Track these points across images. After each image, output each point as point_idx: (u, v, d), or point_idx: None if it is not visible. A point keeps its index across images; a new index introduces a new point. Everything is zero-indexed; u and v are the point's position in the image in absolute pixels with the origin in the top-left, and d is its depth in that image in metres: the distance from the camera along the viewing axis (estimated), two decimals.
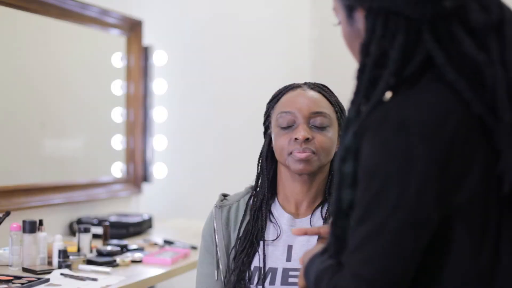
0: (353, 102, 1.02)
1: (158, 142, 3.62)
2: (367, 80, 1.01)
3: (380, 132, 0.96)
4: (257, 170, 1.71)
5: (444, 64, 0.98)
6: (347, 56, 1.19)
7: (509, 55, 0.98)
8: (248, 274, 1.61)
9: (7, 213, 2.31)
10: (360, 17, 1.04)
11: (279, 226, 1.65)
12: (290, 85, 1.70)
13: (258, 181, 1.70)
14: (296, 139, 1.59)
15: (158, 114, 3.61)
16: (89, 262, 2.39)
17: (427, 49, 0.99)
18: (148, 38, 3.54)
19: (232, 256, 1.64)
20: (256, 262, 1.62)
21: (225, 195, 1.75)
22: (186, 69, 3.82)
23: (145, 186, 3.57)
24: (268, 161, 1.69)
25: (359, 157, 0.98)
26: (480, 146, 0.98)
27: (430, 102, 0.97)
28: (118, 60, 3.44)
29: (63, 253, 2.29)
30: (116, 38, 3.42)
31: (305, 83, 1.70)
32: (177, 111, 3.74)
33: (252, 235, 1.63)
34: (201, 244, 1.72)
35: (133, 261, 2.49)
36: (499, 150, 0.98)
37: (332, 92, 1.70)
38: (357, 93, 1.02)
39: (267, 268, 1.61)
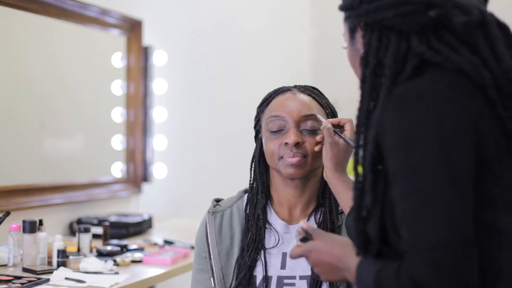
0: (361, 108, 1.13)
1: (158, 142, 3.62)
2: (369, 87, 1.12)
3: (402, 105, 1.04)
4: (250, 175, 1.69)
5: (446, 55, 1.08)
6: (346, 56, 1.24)
7: (498, 47, 1.09)
8: (250, 283, 1.58)
9: (7, 213, 2.31)
10: (359, 37, 1.18)
11: (277, 232, 1.63)
12: (279, 89, 1.67)
13: (253, 186, 1.68)
14: (286, 143, 1.57)
15: (158, 114, 3.61)
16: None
17: (419, 53, 1.09)
18: (148, 38, 3.54)
19: (224, 262, 1.61)
20: (255, 270, 1.59)
21: (217, 200, 1.72)
22: (186, 69, 3.82)
23: (145, 186, 3.57)
24: (261, 165, 1.67)
25: (380, 137, 1.06)
26: (489, 110, 1.07)
27: (440, 76, 1.07)
28: (118, 60, 3.44)
29: (63, 253, 2.30)
30: (116, 38, 3.42)
31: (295, 86, 1.68)
32: (177, 111, 3.74)
33: (254, 243, 1.61)
34: (195, 250, 1.70)
35: (133, 261, 2.49)
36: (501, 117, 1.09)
37: (323, 95, 1.68)
38: (362, 100, 1.13)
39: (263, 276, 1.59)
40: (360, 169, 1.11)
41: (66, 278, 2.16)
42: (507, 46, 1.10)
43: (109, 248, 2.55)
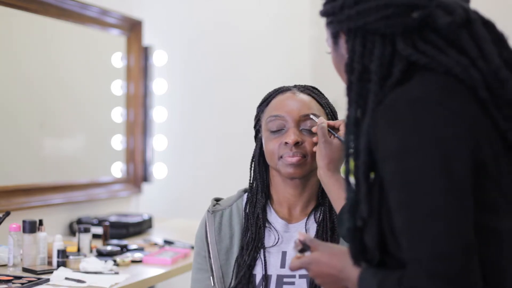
0: (349, 116, 1.10)
1: (158, 142, 3.62)
2: (356, 94, 1.09)
3: (394, 114, 1.01)
4: (250, 174, 1.69)
5: (434, 56, 1.05)
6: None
7: (485, 46, 1.06)
8: (249, 281, 1.58)
9: (7, 213, 2.31)
10: (342, 42, 1.15)
11: (276, 231, 1.63)
12: (279, 88, 1.67)
13: (252, 185, 1.68)
14: (286, 143, 1.57)
15: (158, 114, 3.61)
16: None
17: (406, 56, 1.06)
18: (148, 38, 3.54)
19: (223, 261, 1.62)
20: (254, 269, 1.59)
21: (217, 200, 1.72)
22: (186, 69, 3.82)
23: (145, 186, 3.57)
24: (261, 165, 1.67)
25: (373, 146, 1.03)
26: (482, 111, 1.05)
27: (430, 79, 1.04)
28: (118, 60, 3.44)
29: (63, 253, 2.30)
30: (116, 38, 3.42)
31: (295, 86, 1.68)
32: (177, 111, 3.74)
33: (254, 242, 1.61)
34: (195, 250, 1.70)
35: (133, 261, 2.49)
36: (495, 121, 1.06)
37: (323, 94, 1.68)
38: (349, 107, 1.10)
39: (263, 275, 1.59)
40: (352, 178, 1.08)
41: (66, 278, 2.16)
42: (494, 44, 1.07)
43: (109, 248, 2.55)
